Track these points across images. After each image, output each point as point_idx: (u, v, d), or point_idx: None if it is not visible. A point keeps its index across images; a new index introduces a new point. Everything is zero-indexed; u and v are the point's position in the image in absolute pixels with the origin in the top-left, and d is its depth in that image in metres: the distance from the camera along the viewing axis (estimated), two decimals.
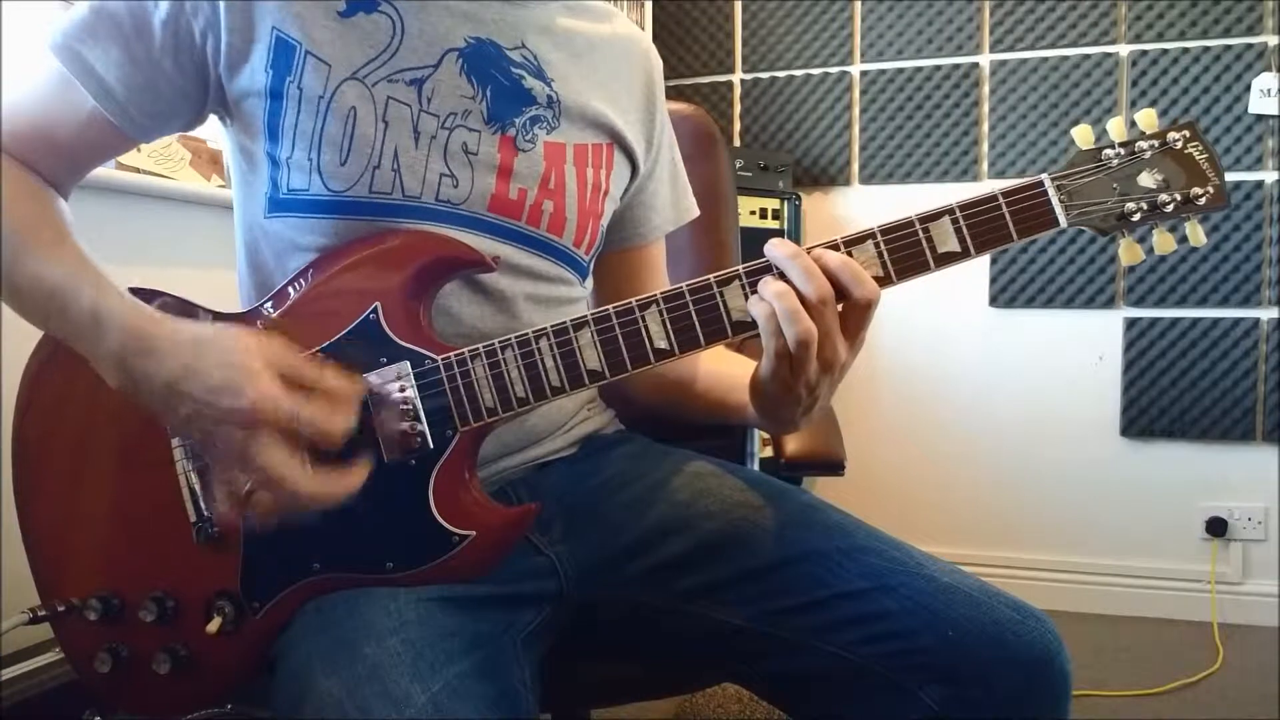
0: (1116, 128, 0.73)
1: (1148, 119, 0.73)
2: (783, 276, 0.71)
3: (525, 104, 0.85)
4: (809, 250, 0.71)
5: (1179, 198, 0.72)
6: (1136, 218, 0.73)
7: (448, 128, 0.81)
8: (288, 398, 0.67)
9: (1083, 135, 0.73)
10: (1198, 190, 0.72)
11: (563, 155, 0.87)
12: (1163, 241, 0.74)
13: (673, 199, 1.03)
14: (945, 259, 0.72)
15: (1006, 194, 0.72)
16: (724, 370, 0.92)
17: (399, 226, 0.79)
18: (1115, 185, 0.73)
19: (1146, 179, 0.73)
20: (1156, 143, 0.72)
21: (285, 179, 0.80)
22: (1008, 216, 0.72)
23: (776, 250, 0.72)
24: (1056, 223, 0.72)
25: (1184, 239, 0.74)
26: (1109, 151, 0.73)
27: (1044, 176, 0.72)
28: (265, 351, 0.69)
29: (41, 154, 0.79)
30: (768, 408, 0.80)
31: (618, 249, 1.00)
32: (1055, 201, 0.72)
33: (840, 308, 0.71)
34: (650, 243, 1.02)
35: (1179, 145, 0.72)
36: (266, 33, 0.78)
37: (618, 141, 0.93)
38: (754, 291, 0.72)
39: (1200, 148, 0.72)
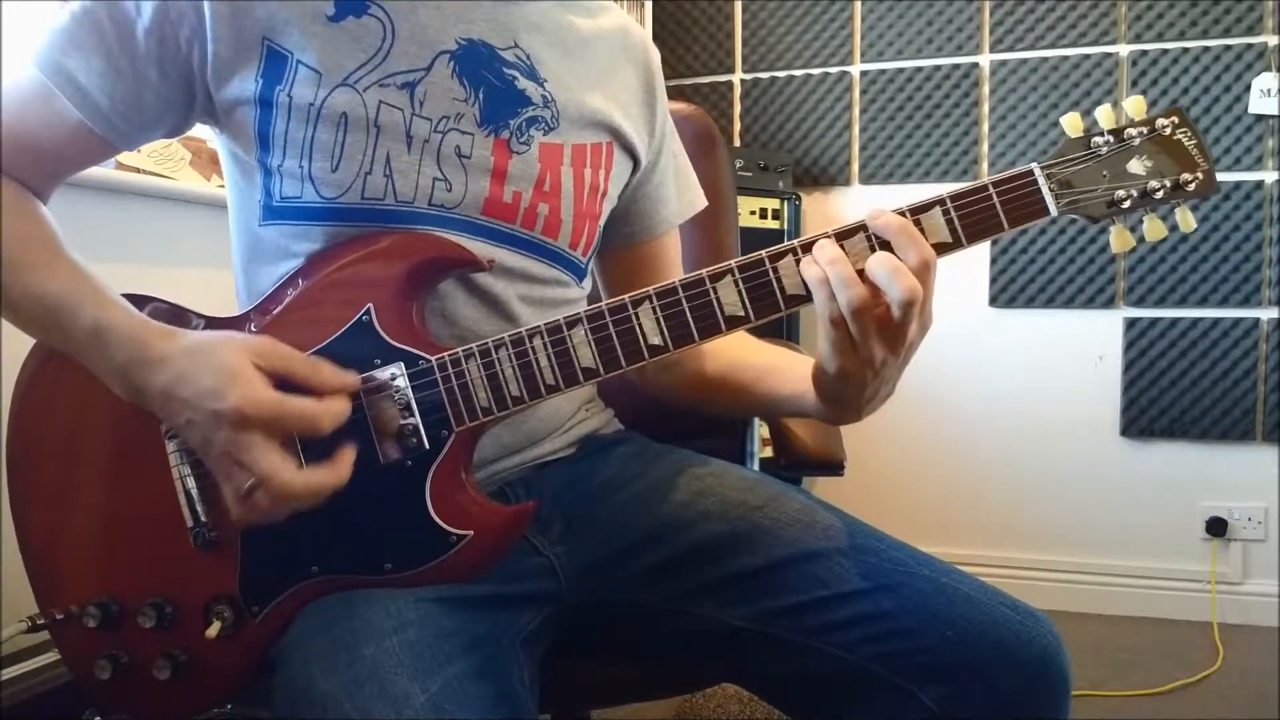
0: (1106, 115, 0.73)
1: (1136, 106, 0.72)
2: (885, 245, 0.70)
3: (519, 105, 0.84)
4: (879, 216, 0.70)
5: (1169, 184, 0.72)
6: (1127, 205, 0.72)
7: (440, 131, 0.80)
8: (271, 395, 0.67)
9: (1072, 124, 0.73)
10: (1187, 176, 0.72)
11: (559, 157, 0.86)
12: (1153, 228, 0.74)
13: (678, 190, 1.03)
14: (937, 250, 0.72)
15: (997, 184, 0.72)
16: (774, 363, 0.91)
17: (393, 230, 0.79)
18: (1105, 173, 0.72)
19: (1136, 166, 0.72)
20: (1145, 129, 0.72)
21: (278, 187, 0.79)
22: (998, 206, 0.72)
23: (883, 220, 0.70)
24: (1047, 211, 0.72)
25: (1175, 226, 0.74)
26: (1098, 139, 0.72)
27: (1034, 165, 0.72)
28: (253, 351, 0.69)
29: (23, 162, 0.78)
30: (830, 392, 0.78)
31: (627, 244, 1.00)
32: (1045, 190, 0.72)
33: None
34: (659, 236, 1.01)
35: (1168, 131, 0.72)
36: (256, 42, 0.77)
37: (617, 138, 0.92)
38: (806, 254, 0.71)
39: (1189, 133, 0.72)
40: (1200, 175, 0.72)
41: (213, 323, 0.79)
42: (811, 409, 0.83)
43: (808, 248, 0.72)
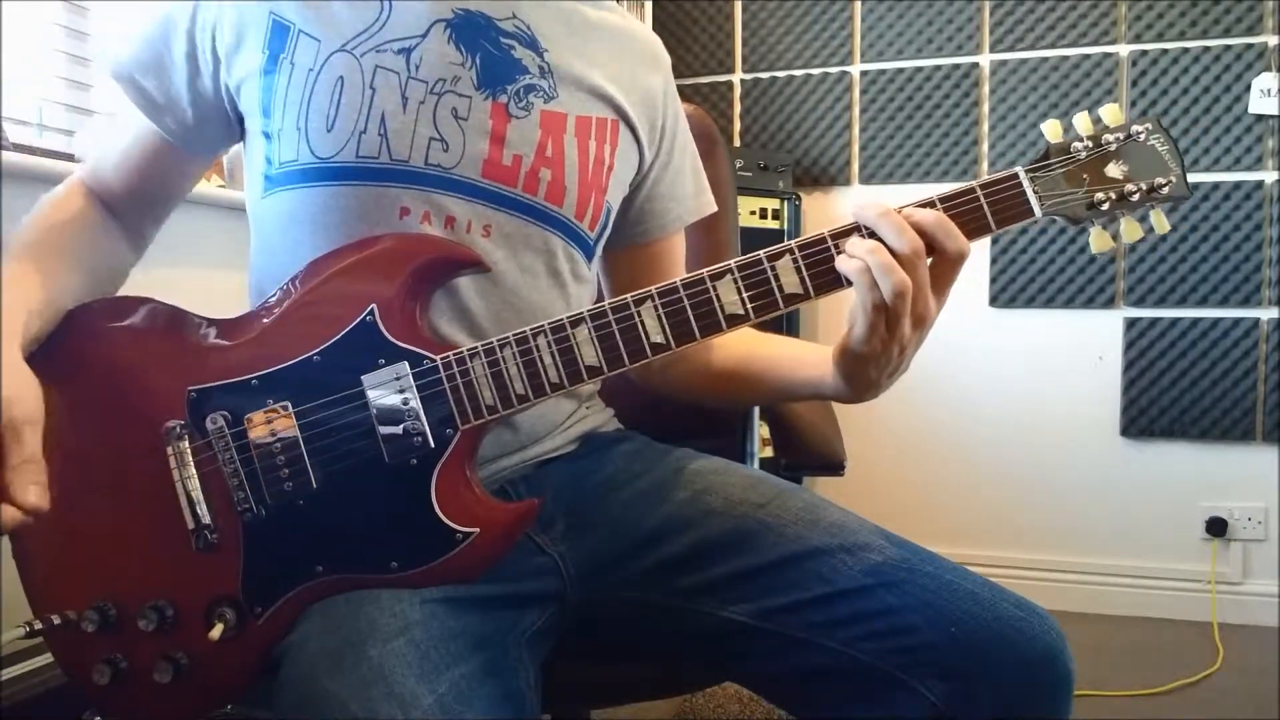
0: (1084, 122, 0.76)
1: (1113, 114, 0.77)
2: (873, 235, 0.73)
3: (517, 73, 0.85)
4: (899, 209, 0.74)
5: (1144, 187, 0.76)
6: (1105, 207, 0.76)
7: (436, 93, 0.81)
8: None
9: (1052, 130, 0.77)
10: (1160, 180, 0.76)
11: (562, 125, 0.86)
12: (1130, 229, 0.78)
13: (694, 190, 1.03)
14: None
15: (984, 186, 0.75)
16: (785, 351, 0.92)
17: (389, 191, 0.80)
18: (1085, 176, 0.76)
19: (1113, 170, 0.76)
20: (1121, 135, 0.76)
21: (277, 153, 0.81)
22: (986, 207, 0.75)
23: (866, 211, 0.74)
24: (1032, 213, 0.76)
25: (1151, 228, 0.78)
26: (1077, 145, 0.76)
27: (1018, 169, 0.76)
28: (8, 401, 0.69)
29: (110, 188, 0.90)
30: (856, 372, 0.79)
31: (640, 242, 1.00)
32: (1030, 193, 0.75)
33: (930, 262, 0.73)
34: (671, 234, 1.01)
35: (1142, 138, 0.76)
36: (264, 17, 0.81)
37: (623, 119, 0.92)
38: (840, 252, 0.74)
39: (1162, 139, 0.76)
40: (1173, 179, 0.76)
41: (214, 324, 0.79)
42: (830, 391, 0.85)
43: (805, 247, 0.75)
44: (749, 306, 0.75)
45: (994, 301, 2.63)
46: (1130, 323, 2.52)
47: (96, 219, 0.89)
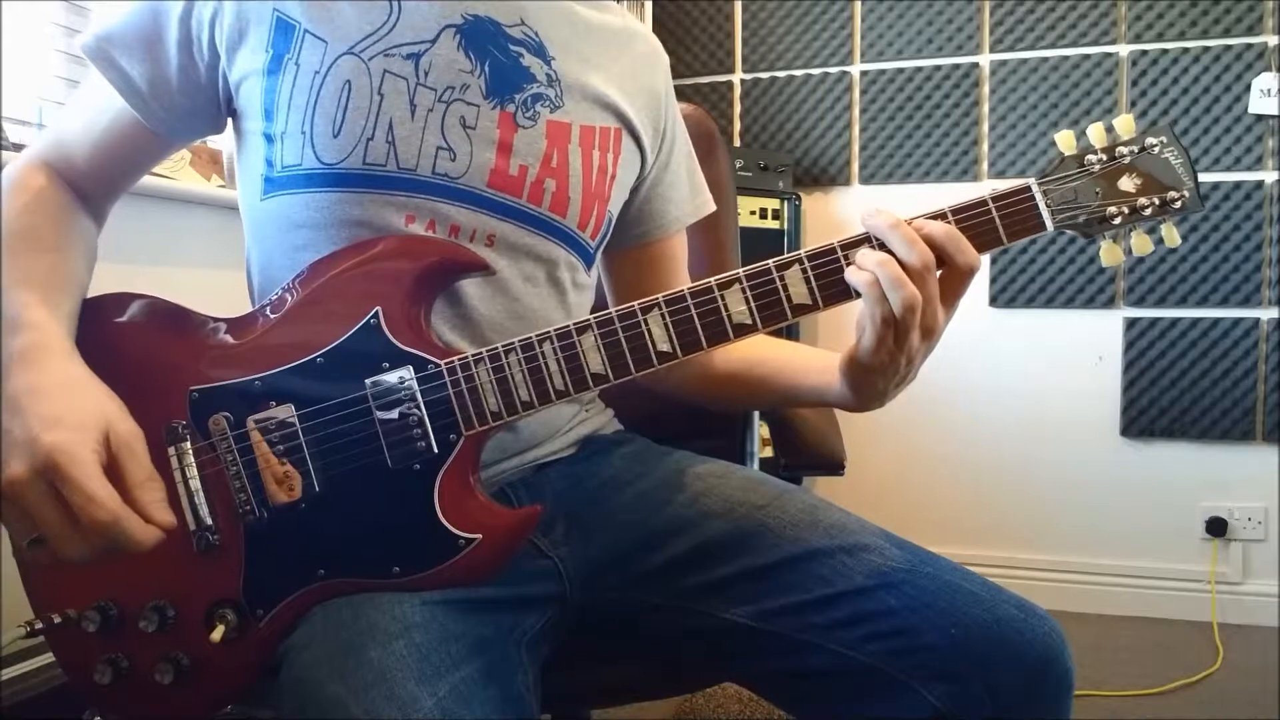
0: (1097, 133, 0.75)
1: (1125, 125, 0.75)
2: (883, 246, 0.73)
3: (525, 81, 0.84)
4: (909, 221, 0.73)
5: (1157, 201, 0.75)
6: (1118, 221, 0.75)
7: (445, 101, 0.81)
8: (87, 461, 0.64)
9: (1065, 140, 0.76)
10: (1174, 194, 0.75)
11: (567, 135, 0.86)
12: (1140, 243, 0.76)
13: (691, 192, 1.03)
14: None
15: (996, 198, 0.74)
16: (792, 356, 0.92)
17: (394, 199, 0.79)
18: (1098, 189, 0.75)
19: (1126, 183, 0.75)
20: (1135, 148, 0.75)
21: (279, 156, 0.80)
22: (998, 220, 0.74)
23: (877, 220, 0.73)
24: (1044, 226, 0.74)
25: (1160, 240, 0.77)
26: (1091, 157, 0.75)
27: (1031, 182, 0.75)
28: (112, 421, 0.68)
29: (72, 163, 0.84)
30: (862, 382, 0.79)
31: (637, 244, 1.00)
32: (1042, 206, 0.74)
33: (939, 274, 0.73)
34: (669, 236, 1.01)
35: (1156, 150, 0.75)
36: (268, 14, 0.79)
37: (626, 127, 0.92)
38: (849, 263, 0.73)
39: (1176, 152, 0.75)
40: (1186, 193, 0.75)
41: (218, 322, 0.79)
42: (835, 399, 0.85)
43: (814, 257, 0.74)
44: (757, 316, 0.74)
45: (994, 301, 2.63)
46: (1130, 323, 2.52)
47: (71, 201, 0.84)
